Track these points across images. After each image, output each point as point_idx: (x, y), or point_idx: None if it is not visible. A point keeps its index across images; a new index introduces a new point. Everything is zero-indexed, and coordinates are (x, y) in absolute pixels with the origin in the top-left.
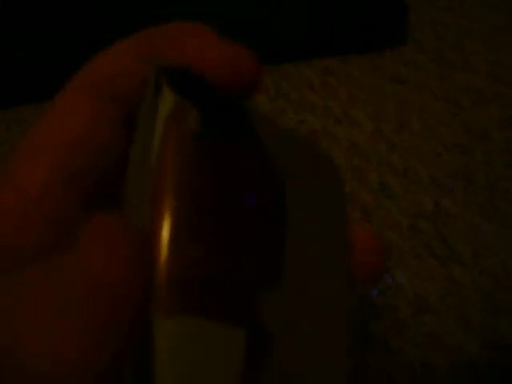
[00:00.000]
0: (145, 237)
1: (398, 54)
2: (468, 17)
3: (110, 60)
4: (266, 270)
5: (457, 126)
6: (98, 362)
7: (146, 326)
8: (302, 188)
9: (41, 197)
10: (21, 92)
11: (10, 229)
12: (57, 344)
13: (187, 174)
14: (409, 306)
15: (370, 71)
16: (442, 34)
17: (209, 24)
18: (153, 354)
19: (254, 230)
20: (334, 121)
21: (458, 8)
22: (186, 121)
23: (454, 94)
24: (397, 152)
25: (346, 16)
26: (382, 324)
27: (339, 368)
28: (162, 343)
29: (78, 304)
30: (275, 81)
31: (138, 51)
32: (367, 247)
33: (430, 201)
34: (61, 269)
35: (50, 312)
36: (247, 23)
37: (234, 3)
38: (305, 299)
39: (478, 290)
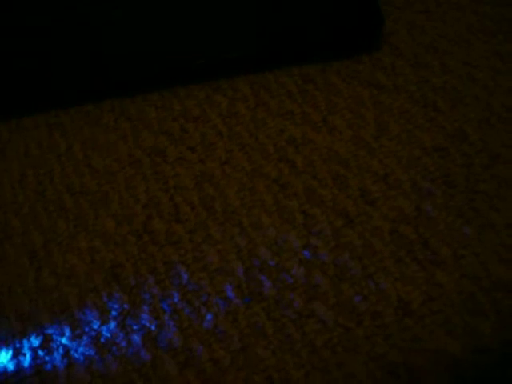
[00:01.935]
0: None
1: (375, 59)
2: (444, 19)
3: None
4: None
5: (435, 128)
6: None
7: None
8: None
9: None
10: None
11: None
12: None
13: None
14: (392, 311)
15: (348, 78)
16: (418, 37)
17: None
18: None
19: None
20: (313, 128)
21: (434, 11)
22: None
23: (431, 97)
24: (376, 157)
25: (320, 23)
26: (366, 330)
27: None
28: None
29: None
30: (254, 90)
31: None
32: None
33: (411, 205)
34: None
35: None
36: (225, 29)
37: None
38: None
39: (460, 293)
